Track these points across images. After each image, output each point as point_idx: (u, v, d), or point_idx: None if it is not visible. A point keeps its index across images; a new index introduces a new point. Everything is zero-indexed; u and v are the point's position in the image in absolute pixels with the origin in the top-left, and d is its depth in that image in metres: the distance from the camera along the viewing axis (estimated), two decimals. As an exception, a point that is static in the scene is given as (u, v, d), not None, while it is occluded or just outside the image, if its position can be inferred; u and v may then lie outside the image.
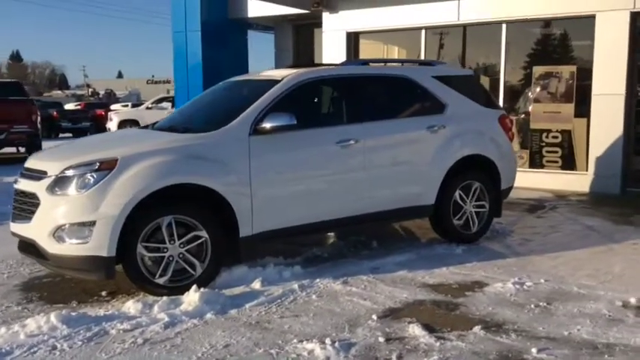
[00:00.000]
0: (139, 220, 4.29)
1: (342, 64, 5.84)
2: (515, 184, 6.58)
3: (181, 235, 4.44)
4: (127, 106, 31.37)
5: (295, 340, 3.68)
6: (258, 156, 4.74)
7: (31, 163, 4.62)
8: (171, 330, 3.84)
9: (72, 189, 4.24)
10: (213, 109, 5.48)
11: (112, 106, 30.99)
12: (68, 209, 4.21)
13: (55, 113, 27.26)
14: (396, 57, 11.41)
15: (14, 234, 4.58)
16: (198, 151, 4.57)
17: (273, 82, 5.12)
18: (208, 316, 4.06)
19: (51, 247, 4.25)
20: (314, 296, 4.47)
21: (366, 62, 5.89)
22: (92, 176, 4.24)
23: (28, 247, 4.49)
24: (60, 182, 4.28)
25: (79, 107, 32.06)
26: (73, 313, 3.99)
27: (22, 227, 4.45)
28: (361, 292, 4.57)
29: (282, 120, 4.75)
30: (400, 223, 6.71)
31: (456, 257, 5.55)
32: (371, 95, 5.59)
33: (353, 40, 11.00)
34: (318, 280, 4.80)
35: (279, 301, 4.37)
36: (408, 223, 6.76)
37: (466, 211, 5.95)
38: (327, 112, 5.42)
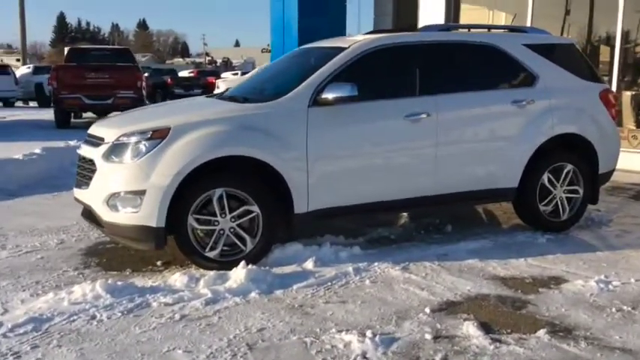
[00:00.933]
0: (190, 192, 4.18)
1: (421, 29, 5.36)
2: (627, 167, 5.83)
3: (233, 209, 4.28)
4: (236, 74, 32.09)
5: (334, 330, 3.41)
6: (317, 129, 4.45)
7: (93, 129, 4.62)
8: (211, 307, 3.71)
9: (125, 157, 4.19)
10: (277, 77, 5.24)
11: (222, 74, 31.83)
12: (121, 177, 4.17)
13: (169, 80, 28.42)
14: (502, 24, 10.58)
15: (76, 199, 4.63)
16: (253, 121, 4.36)
17: (339, 50, 4.79)
18: (252, 295, 3.89)
19: (105, 214, 4.24)
20: (367, 281, 4.17)
21: (447, 28, 5.38)
22: (145, 145, 4.16)
23: (89, 213, 4.51)
24: (115, 149, 4.25)
25: (192, 75, 33.23)
26: (120, 283, 3.96)
27: (82, 193, 4.49)
28: (420, 280, 4.21)
29: (343, 90, 4.42)
30: (484, 206, 6.21)
31: (538, 247, 5.00)
32: (449, 65, 5.10)
33: (453, 4, 10.32)
34: (376, 263, 4.49)
35: (329, 284, 4.11)
36: (492, 207, 6.24)
37: (555, 196, 5.35)
38: (398, 83, 4.99)
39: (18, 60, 48.56)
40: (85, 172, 4.47)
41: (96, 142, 4.44)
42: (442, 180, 4.92)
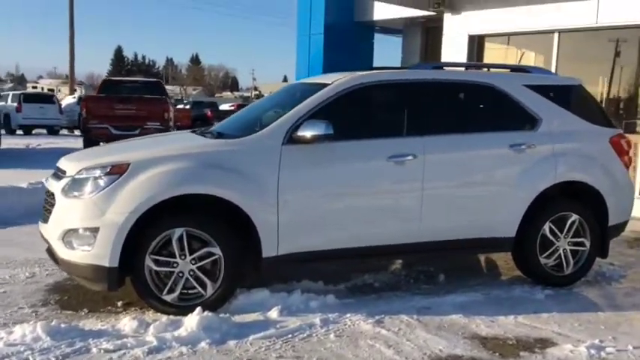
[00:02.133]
0: (148, 231, 3.95)
1: (412, 67, 5.07)
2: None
3: (194, 250, 4.03)
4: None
5: (274, 391, 3.09)
6: (291, 168, 4.19)
7: (61, 162, 4.47)
8: (151, 357, 3.44)
9: (83, 192, 4.00)
10: (259, 113, 5.01)
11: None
12: (76, 213, 3.98)
13: (209, 113, 28.80)
14: (527, 63, 10.20)
15: (41, 235, 4.46)
16: (219, 158, 4.12)
17: (322, 86, 4.54)
18: (202, 345, 3.60)
19: (61, 250, 4.05)
20: (332, 335, 3.83)
21: (440, 66, 5.07)
22: (103, 180, 3.97)
23: (50, 249, 4.34)
24: (74, 184, 4.07)
25: (232, 107, 33.59)
26: (63, 325, 3.74)
27: (43, 228, 4.32)
28: (391, 336, 3.84)
29: (318, 129, 4.16)
30: (487, 255, 5.78)
31: (533, 304, 4.56)
32: (439, 105, 4.78)
33: (476, 43, 10.01)
34: (348, 315, 4.14)
35: (289, 336, 3.79)
36: (496, 256, 5.80)
37: (558, 248, 4.91)
38: (383, 122, 4.71)
39: (75, 90, 50.29)
40: (47, 205, 4.31)
41: (60, 175, 4.28)
42: (428, 227, 4.56)
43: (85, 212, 3.93)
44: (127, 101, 13.89)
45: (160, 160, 4.04)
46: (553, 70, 8.82)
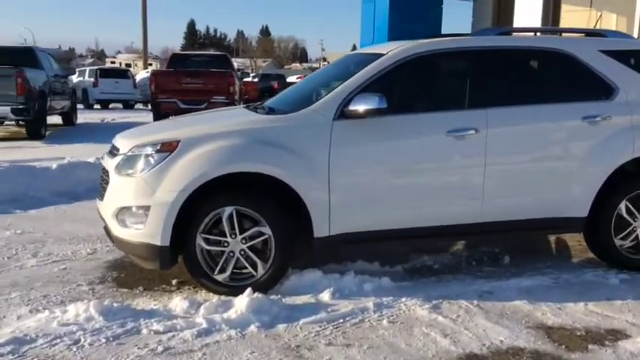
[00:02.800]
0: (198, 209, 3.89)
1: (475, 33, 4.72)
2: None
3: (245, 230, 3.94)
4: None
5: (320, 381, 2.97)
6: (342, 144, 4.00)
7: (115, 139, 4.47)
8: (200, 340, 3.39)
9: (135, 170, 3.97)
10: (313, 86, 4.82)
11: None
12: (129, 191, 3.96)
13: (275, 85, 28.86)
14: (607, 27, 9.49)
15: (98, 212, 4.50)
16: (270, 135, 3.99)
17: (377, 57, 4.30)
18: (251, 328, 3.52)
19: (115, 228, 4.06)
20: (385, 321, 3.66)
21: (507, 31, 4.69)
22: (153, 158, 3.92)
23: (106, 227, 4.36)
24: (127, 161, 4.05)
25: (299, 79, 33.52)
26: (116, 304, 3.75)
27: (100, 205, 4.34)
28: (448, 324, 3.64)
29: (371, 102, 3.94)
30: (558, 235, 5.42)
31: (606, 289, 4.22)
32: (505, 74, 4.45)
33: (552, 6, 9.38)
34: (404, 299, 3.96)
35: (340, 321, 3.65)
36: (568, 235, 5.43)
37: (636, 229, 4.52)
38: (442, 94, 4.42)
39: (150, 64, 51.63)
40: (103, 183, 4.32)
41: (114, 152, 4.27)
42: (491, 206, 4.28)
43: (137, 190, 3.91)
44: (193, 75, 14.02)
45: (209, 137, 3.94)
46: (635, 34, 8.15)
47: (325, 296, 3.94)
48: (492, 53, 4.39)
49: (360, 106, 3.99)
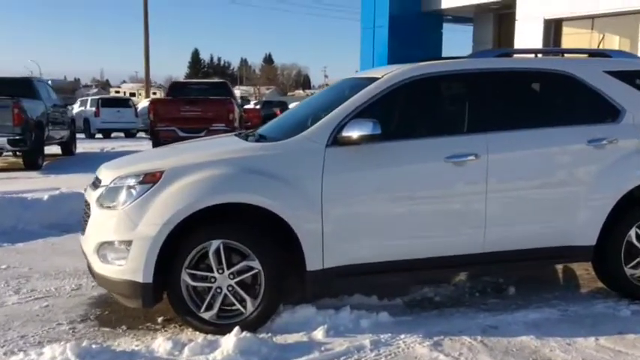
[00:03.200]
0: (183, 243, 3.68)
1: (473, 55, 4.55)
2: None
3: (233, 264, 3.72)
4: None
5: None
6: (335, 172, 3.81)
7: (99, 170, 4.28)
8: (183, 384, 3.15)
9: (116, 202, 3.78)
10: (306, 112, 4.63)
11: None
12: (110, 224, 3.76)
13: (278, 111, 28.80)
14: (611, 47, 9.34)
15: (81, 247, 4.29)
16: (259, 163, 3.79)
17: (371, 81, 4.13)
18: (238, 370, 3.29)
19: (96, 264, 3.85)
20: (383, 360, 3.42)
21: (506, 53, 4.52)
22: (135, 189, 3.73)
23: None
24: (108, 193, 3.85)
25: (301, 106, 33.57)
26: (95, 346, 3.52)
27: (82, 240, 4.14)
28: (449, 362, 3.39)
29: (364, 128, 3.75)
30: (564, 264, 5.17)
31: (618, 322, 3.98)
32: (505, 97, 4.26)
33: (553, 28, 9.26)
34: (403, 336, 3.72)
35: (334, 361, 3.41)
36: (578, 264, 5.17)
37: (647, 257, 4.28)
38: (440, 119, 4.24)
39: (154, 93, 51.89)
40: (85, 216, 4.13)
41: (96, 184, 4.08)
42: (494, 235, 4.06)
43: (118, 224, 3.70)
44: (192, 103, 13.91)
45: (195, 166, 3.75)
46: (640, 54, 7.99)
47: (319, 334, 3.70)
48: (491, 76, 4.21)
49: (353, 133, 3.80)
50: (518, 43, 9.55)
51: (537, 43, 9.20)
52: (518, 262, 4.25)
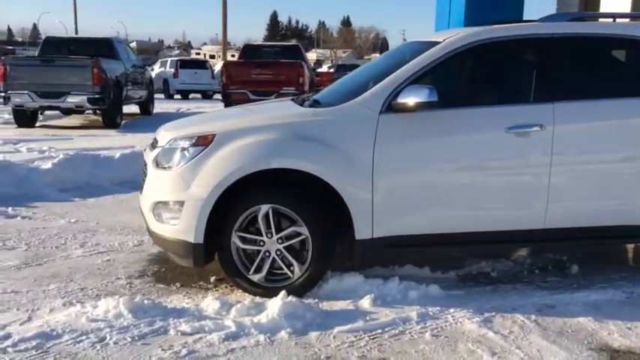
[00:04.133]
0: (234, 207, 3.71)
1: (543, 19, 4.26)
2: None
3: (282, 229, 3.72)
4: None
5: (345, 399, 2.71)
6: (389, 140, 3.70)
7: (158, 131, 4.35)
8: (227, 344, 3.20)
9: (170, 163, 3.84)
10: (365, 77, 4.50)
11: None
12: (164, 185, 3.83)
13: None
14: None
15: (140, 205, 4.41)
16: (309, 129, 3.74)
17: (432, 45, 3.96)
18: (281, 334, 3.31)
19: (151, 222, 3.95)
20: (428, 334, 3.34)
21: (580, 17, 4.20)
22: (189, 151, 3.77)
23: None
24: (164, 154, 3.92)
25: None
26: (147, 302, 3.63)
27: (140, 199, 4.25)
28: (498, 341, 3.28)
29: (420, 95, 3.61)
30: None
31: (688, 309, 3.72)
32: (576, 65, 3.99)
33: (644, -10, 8.59)
34: (452, 310, 3.63)
35: (378, 331, 3.36)
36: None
37: None
38: (503, 87, 4.01)
39: (233, 55, 52.64)
40: (144, 176, 4.22)
41: (154, 145, 4.16)
42: (557, 211, 3.86)
43: (172, 184, 3.77)
44: (263, 66, 13.97)
45: (246, 131, 3.74)
46: None
47: (365, 303, 3.67)
48: (561, 41, 3.93)
49: (409, 99, 3.67)
50: (606, 5, 8.93)
51: (626, 7, 8.58)
52: (582, 240, 4.03)
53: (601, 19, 4.40)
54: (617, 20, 4.22)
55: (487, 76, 4.13)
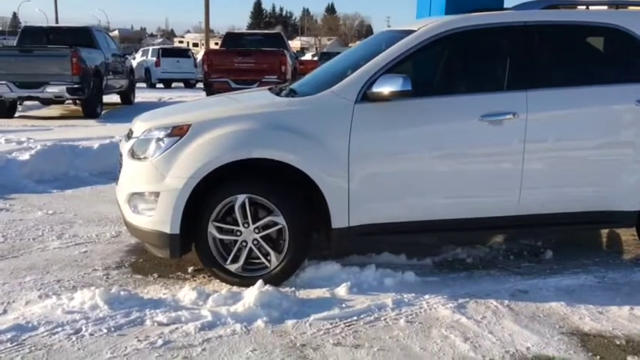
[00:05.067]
0: (210, 197, 3.71)
1: (516, 7, 4.29)
2: None
3: (259, 219, 3.74)
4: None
5: (319, 386, 2.74)
6: (364, 129, 3.72)
7: (133, 121, 4.33)
8: (202, 334, 3.22)
9: (146, 154, 3.83)
10: (342, 66, 4.51)
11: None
12: (139, 176, 3.83)
13: (335, 63, 28.46)
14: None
15: (116, 196, 4.39)
16: (285, 119, 3.74)
17: (406, 34, 3.97)
18: (257, 323, 3.33)
19: (127, 214, 3.94)
20: (402, 320, 3.39)
21: (553, 5, 4.23)
22: (163, 142, 3.76)
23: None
24: (139, 145, 3.91)
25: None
26: (123, 293, 3.63)
27: (116, 189, 4.23)
28: (471, 326, 3.33)
29: (394, 84, 3.63)
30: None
31: (658, 292, 3.80)
32: (547, 52, 4.02)
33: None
34: (427, 296, 3.67)
35: (354, 318, 3.40)
36: (624, 229, 4.94)
37: (697, 225, 4.05)
38: (476, 75, 4.04)
39: (216, 44, 52.25)
40: (119, 167, 4.21)
41: (129, 136, 4.15)
42: (530, 198, 3.91)
43: (148, 175, 3.76)
44: (245, 55, 13.92)
45: (221, 121, 3.74)
46: None
47: (341, 291, 3.70)
48: (534, 29, 3.97)
49: (383, 88, 3.69)
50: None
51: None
52: (555, 226, 4.10)
53: (576, 8, 4.43)
54: (591, 8, 4.26)
55: (461, 65, 4.16)
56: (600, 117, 3.94)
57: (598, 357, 3.02)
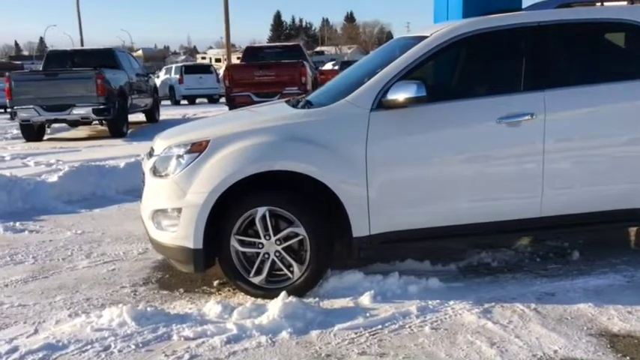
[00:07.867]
0: (231, 210, 3.75)
1: (529, 8, 4.26)
2: None
3: (279, 230, 3.77)
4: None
5: (344, 396, 2.75)
6: (380, 136, 3.73)
7: (154, 139, 4.41)
8: (228, 347, 3.25)
9: (167, 171, 3.89)
10: (357, 75, 4.52)
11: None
12: (162, 192, 3.88)
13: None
14: None
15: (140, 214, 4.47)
16: (302, 130, 3.77)
17: (419, 40, 3.98)
18: (282, 334, 3.35)
19: (151, 230, 4.01)
20: (427, 327, 3.37)
21: (567, 3, 4.19)
22: (183, 158, 3.82)
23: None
24: (160, 162, 3.97)
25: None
26: (149, 309, 3.68)
27: (141, 207, 4.30)
28: (497, 331, 3.30)
29: (408, 90, 3.63)
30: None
31: (690, 291, 3.72)
32: (562, 51, 3.99)
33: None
34: (451, 302, 3.65)
35: (379, 327, 3.40)
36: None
37: None
38: (491, 77, 4.02)
39: (238, 58, 52.72)
40: (143, 185, 4.28)
41: (151, 154, 4.22)
42: (552, 199, 3.86)
43: (169, 192, 3.82)
44: (265, 68, 14.02)
45: (239, 135, 3.78)
46: None
47: (365, 299, 3.70)
48: (548, 29, 3.93)
49: (398, 95, 3.70)
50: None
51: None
52: (580, 227, 4.03)
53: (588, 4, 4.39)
54: (605, 4, 4.22)
55: (475, 68, 4.14)
56: (621, 113, 3.88)
57: (628, 358, 2.97)
